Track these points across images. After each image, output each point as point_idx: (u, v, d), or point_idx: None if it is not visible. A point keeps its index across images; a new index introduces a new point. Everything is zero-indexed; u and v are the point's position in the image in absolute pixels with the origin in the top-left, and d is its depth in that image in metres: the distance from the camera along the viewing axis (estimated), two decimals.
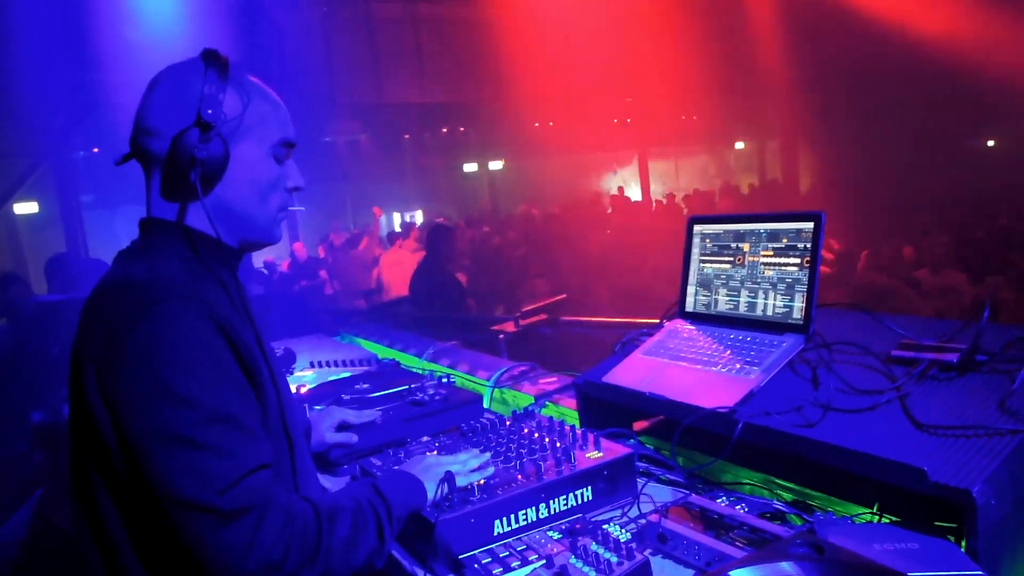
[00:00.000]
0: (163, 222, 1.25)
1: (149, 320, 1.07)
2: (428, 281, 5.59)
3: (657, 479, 1.62)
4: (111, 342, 1.08)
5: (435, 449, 1.67)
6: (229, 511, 1.02)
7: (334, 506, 1.18)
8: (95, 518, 1.16)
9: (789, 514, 1.41)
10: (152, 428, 1.04)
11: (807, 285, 1.64)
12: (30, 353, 3.17)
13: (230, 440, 1.06)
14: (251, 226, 1.29)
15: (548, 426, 1.71)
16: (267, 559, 1.04)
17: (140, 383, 1.05)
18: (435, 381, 2.20)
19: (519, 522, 1.40)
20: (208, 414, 1.05)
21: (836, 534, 1.16)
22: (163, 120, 1.21)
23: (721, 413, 1.50)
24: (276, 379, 1.28)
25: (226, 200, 1.25)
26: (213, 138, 1.18)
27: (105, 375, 1.08)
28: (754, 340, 1.68)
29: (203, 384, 1.07)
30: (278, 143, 1.28)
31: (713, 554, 1.24)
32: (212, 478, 1.03)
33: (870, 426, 1.33)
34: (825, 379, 1.49)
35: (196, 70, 1.22)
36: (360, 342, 3.55)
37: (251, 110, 1.24)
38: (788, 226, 1.70)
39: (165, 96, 1.22)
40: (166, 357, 1.06)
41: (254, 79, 1.29)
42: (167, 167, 1.21)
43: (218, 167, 1.19)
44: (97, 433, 1.10)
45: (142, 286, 1.12)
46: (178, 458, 1.03)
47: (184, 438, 1.03)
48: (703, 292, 1.88)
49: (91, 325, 1.14)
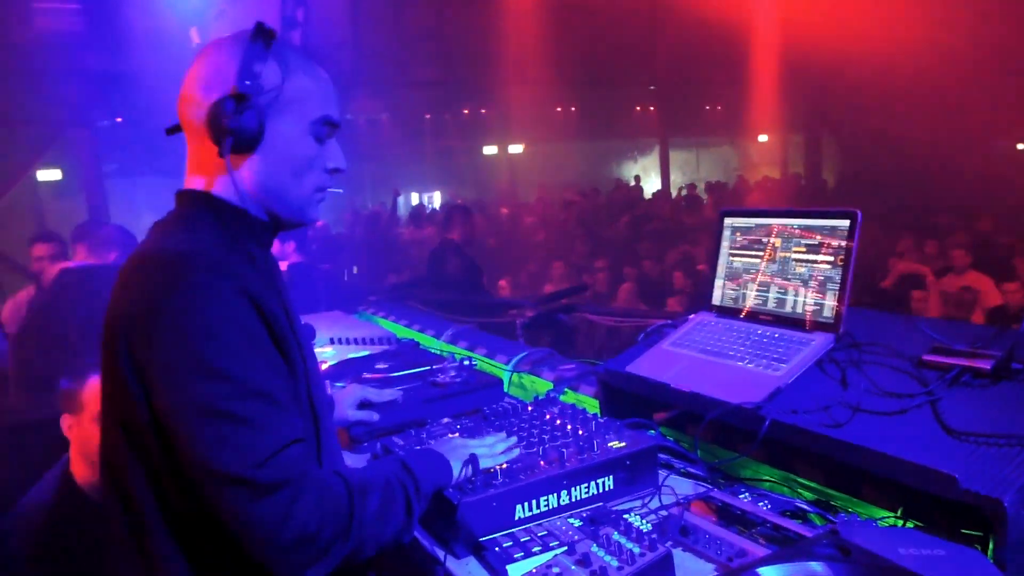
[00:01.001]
0: (196, 193, 1.24)
1: (182, 293, 1.07)
2: (445, 263, 5.59)
3: (678, 472, 1.62)
4: (144, 315, 1.08)
5: (456, 431, 1.68)
6: (266, 484, 1.03)
7: (364, 481, 1.18)
8: (124, 489, 1.17)
9: (811, 513, 1.40)
10: (188, 401, 1.04)
11: (840, 284, 1.62)
12: (57, 319, 3.20)
13: (264, 414, 1.06)
14: (284, 203, 1.27)
15: (571, 413, 1.71)
16: (302, 531, 1.04)
17: (174, 357, 1.06)
18: (456, 363, 2.20)
19: (540, 508, 1.40)
20: (243, 388, 1.06)
21: (860, 536, 1.15)
22: (202, 90, 1.20)
23: (747, 409, 1.49)
24: (304, 354, 1.27)
25: (259, 174, 1.23)
26: (247, 110, 1.16)
27: (138, 348, 1.09)
28: (782, 337, 1.67)
29: (237, 359, 1.07)
30: (319, 120, 1.25)
31: (735, 550, 1.24)
32: (249, 451, 1.03)
33: (899, 430, 1.32)
34: (854, 380, 1.48)
35: (241, 42, 1.21)
36: (379, 321, 3.56)
37: (291, 84, 1.21)
38: (823, 223, 1.68)
39: (208, 66, 1.21)
40: (200, 331, 1.06)
41: (301, 54, 1.26)
42: (202, 138, 1.20)
43: (251, 139, 1.18)
44: (129, 405, 1.11)
45: (175, 259, 1.11)
46: (215, 431, 1.03)
47: (220, 412, 1.04)
48: (731, 286, 1.87)
49: (124, 297, 1.14)
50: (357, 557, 1.15)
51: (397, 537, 1.22)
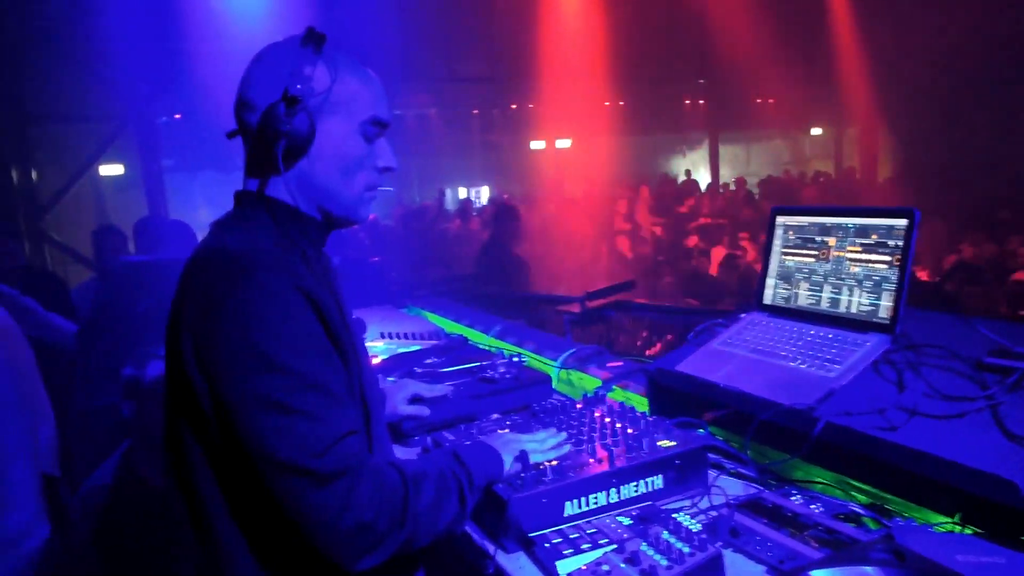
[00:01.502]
0: (253, 194, 1.29)
1: (242, 290, 1.11)
2: (492, 259, 5.63)
3: (728, 472, 1.61)
4: (207, 312, 1.13)
5: (506, 427, 1.70)
6: (326, 473, 1.07)
7: (419, 472, 1.21)
8: (186, 476, 1.22)
9: (865, 517, 1.38)
10: (249, 394, 1.09)
11: (896, 284, 1.59)
12: (117, 310, 3.33)
13: (322, 406, 1.10)
14: (335, 202, 1.30)
15: (619, 411, 1.71)
16: (359, 520, 1.08)
17: (236, 351, 1.10)
18: (506, 360, 2.22)
19: (590, 505, 1.41)
20: (301, 381, 1.10)
21: (916, 541, 1.14)
22: (257, 94, 1.25)
23: (799, 410, 1.48)
24: (357, 349, 1.31)
25: (311, 174, 1.27)
26: (299, 112, 1.20)
27: (201, 342, 1.13)
28: (836, 337, 1.65)
29: (295, 352, 1.11)
30: (368, 120, 1.28)
31: (786, 552, 1.23)
32: (308, 441, 1.07)
33: (958, 434, 1.30)
34: (911, 382, 1.45)
35: (293, 46, 1.25)
36: (427, 315, 3.60)
37: (339, 86, 1.25)
38: (879, 222, 1.65)
39: (262, 71, 1.26)
40: (260, 326, 1.10)
41: (351, 56, 1.29)
42: (256, 140, 1.25)
43: (303, 141, 1.22)
44: (194, 400, 1.15)
45: (235, 257, 1.16)
46: (275, 422, 1.07)
47: (280, 403, 1.08)
48: (783, 285, 1.85)
49: (188, 294, 1.19)
50: (411, 546, 1.17)
51: (451, 528, 1.24)
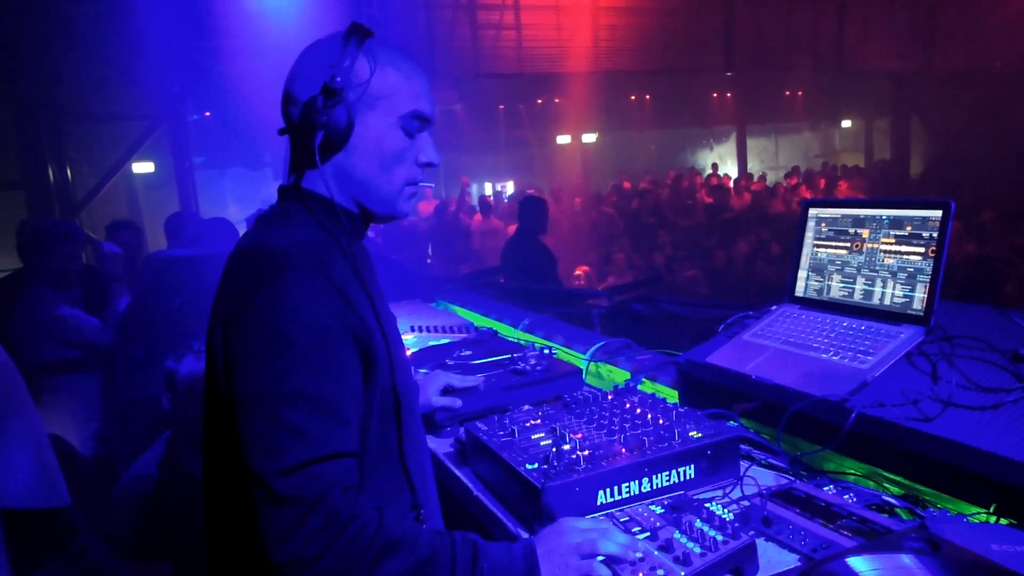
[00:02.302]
0: (296, 189, 1.29)
1: (271, 288, 1.11)
2: (519, 252, 5.65)
3: (759, 463, 1.62)
4: (238, 305, 1.13)
5: (539, 417, 1.72)
6: (282, 495, 1.02)
7: (404, 541, 1.08)
8: (220, 467, 1.22)
9: (898, 508, 1.38)
10: (245, 392, 1.09)
11: (931, 276, 1.59)
12: (152, 305, 3.41)
13: (310, 422, 1.06)
14: (373, 196, 1.30)
15: (650, 402, 1.73)
16: (296, 554, 1.01)
17: (249, 347, 1.10)
18: (536, 352, 2.25)
19: (622, 494, 1.43)
20: (301, 393, 1.07)
21: (951, 531, 1.14)
22: (300, 88, 1.25)
23: (832, 401, 1.48)
24: (391, 348, 1.28)
25: (349, 168, 1.27)
26: (337, 105, 1.20)
27: (230, 335, 1.14)
28: (869, 329, 1.65)
29: (306, 362, 1.08)
30: (408, 115, 1.28)
31: (820, 541, 1.24)
32: (279, 457, 1.03)
33: (993, 424, 1.29)
34: (945, 374, 1.45)
35: (335, 40, 1.26)
36: (456, 309, 3.64)
37: (378, 79, 1.25)
38: (914, 213, 1.64)
39: (305, 66, 1.27)
40: (276, 328, 1.09)
41: (395, 50, 1.29)
42: (297, 133, 1.26)
43: (341, 134, 1.22)
44: (220, 388, 1.17)
45: (274, 253, 1.16)
46: (260, 428, 1.06)
47: (272, 411, 1.06)
48: (815, 277, 1.85)
49: (226, 285, 1.21)
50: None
51: None
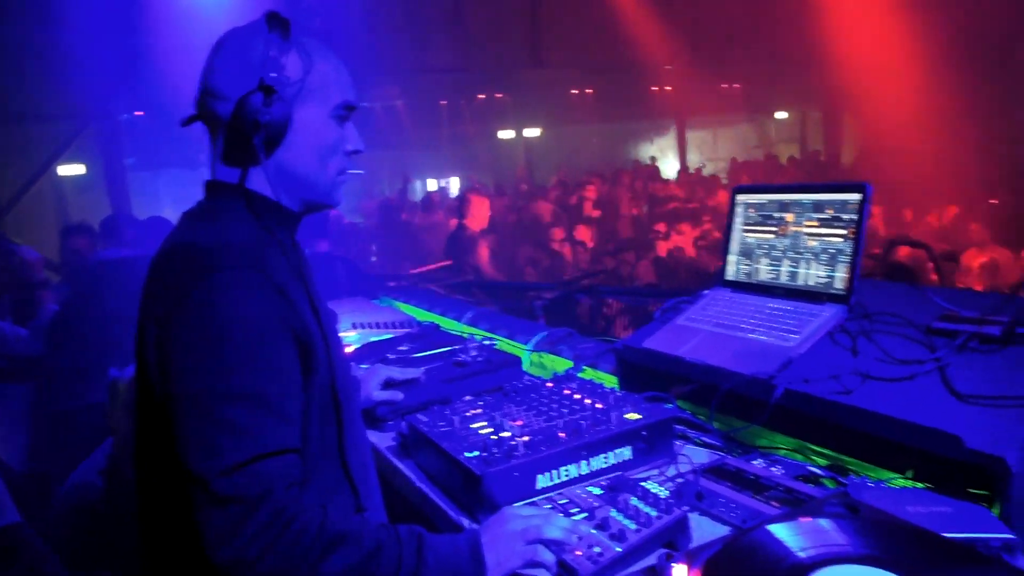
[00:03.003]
0: (227, 185, 1.27)
1: (207, 287, 1.10)
2: (461, 248, 5.66)
3: (694, 442, 1.67)
4: (172, 304, 1.11)
5: (479, 407, 1.73)
6: (224, 495, 1.01)
7: (348, 536, 1.07)
8: (154, 472, 1.20)
9: (824, 477, 1.44)
10: (182, 393, 1.07)
11: (851, 256, 1.66)
12: (87, 311, 3.30)
13: (250, 419, 1.05)
14: (312, 189, 1.31)
15: (589, 388, 1.76)
16: (239, 555, 1.00)
17: (184, 347, 1.08)
18: (477, 343, 2.26)
19: (561, 478, 1.46)
20: (241, 391, 1.05)
21: (870, 496, 1.20)
22: (227, 83, 1.23)
23: (760, 379, 1.53)
24: (330, 344, 1.28)
25: (288, 163, 1.26)
26: (276, 102, 1.19)
27: (163, 334, 1.12)
28: (795, 309, 1.71)
29: (239, 358, 1.07)
30: (339, 105, 1.29)
31: (749, 512, 1.29)
32: (219, 456, 1.02)
33: (908, 395, 1.36)
34: (865, 348, 1.52)
35: (259, 32, 1.24)
36: (399, 306, 3.63)
37: (313, 73, 1.25)
38: (834, 197, 1.71)
39: (229, 59, 1.24)
40: (211, 327, 1.08)
41: (316, 41, 1.29)
42: (231, 130, 1.23)
43: (280, 131, 1.21)
44: (153, 391, 1.14)
45: (205, 251, 1.15)
46: (195, 427, 1.04)
47: (211, 411, 1.04)
48: (744, 261, 1.90)
49: (156, 285, 1.18)
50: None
51: None
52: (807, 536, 1.01)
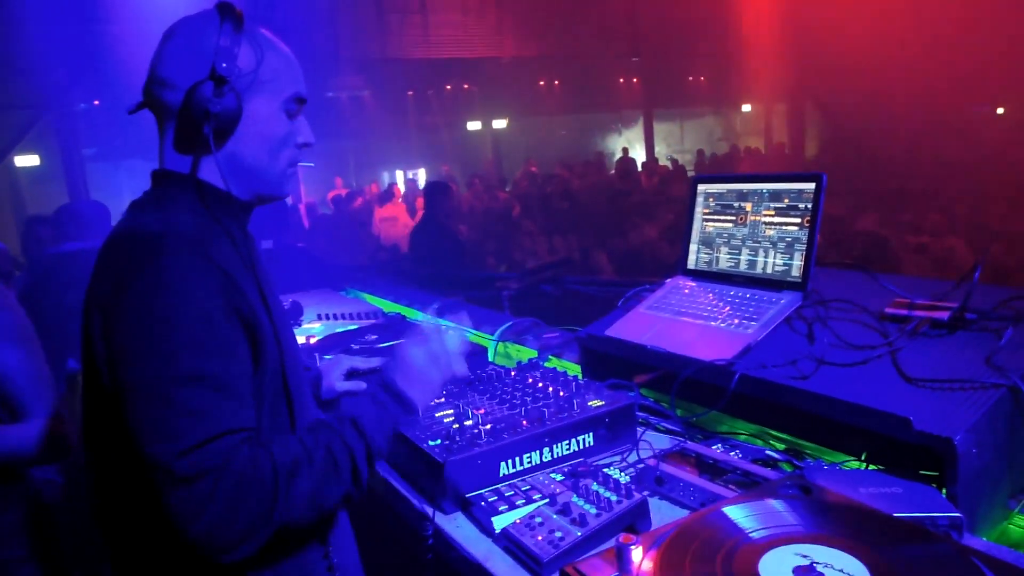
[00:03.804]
0: (175, 174, 1.26)
1: (152, 272, 1.09)
2: (428, 238, 5.64)
3: (655, 428, 1.69)
4: (117, 291, 1.10)
5: (443, 395, 1.74)
6: (182, 475, 1.01)
7: (298, 459, 1.11)
8: (105, 462, 1.20)
9: (781, 461, 1.47)
10: (138, 380, 1.06)
11: (806, 244, 1.69)
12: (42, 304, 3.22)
13: (207, 402, 1.06)
14: (262, 180, 1.30)
15: (552, 376, 1.77)
16: (214, 521, 1.02)
17: (133, 334, 1.07)
18: None
19: (524, 464, 1.47)
20: (192, 373, 1.05)
21: (824, 478, 1.23)
22: (178, 72, 1.22)
23: (719, 365, 1.56)
24: (279, 334, 1.27)
25: (237, 154, 1.26)
26: (227, 92, 1.19)
27: (109, 322, 1.11)
28: (753, 297, 1.74)
29: (193, 343, 1.07)
30: (290, 98, 1.29)
31: (707, 495, 1.31)
32: (175, 439, 1.02)
33: (861, 379, 1.39)
34: (820, 335, 1.55)
35: (212, 22, 1.23)
36: (365, 297, 3.61)
37: (265, 65, 1.25)
38: (790, 186, 1.74)
39: (180, 48, 1.23)
40: (159, 311, 1.07)
41: (268, 33, 1.29)
42: (180, 119, 1.22)
43: (231, 121, 1.21)
44: (101, 379, 1.13)
45: (151, 237, 1.14)
46: (154, 413, 1.04)
47: (165, 395, 1.04)
48: (705, 250, 1.93)
49: (101, 273, 1.17)
50: (293, 529, 1.10)
51: (344, 502, 1.17)
52: (760, 517, 1.03)
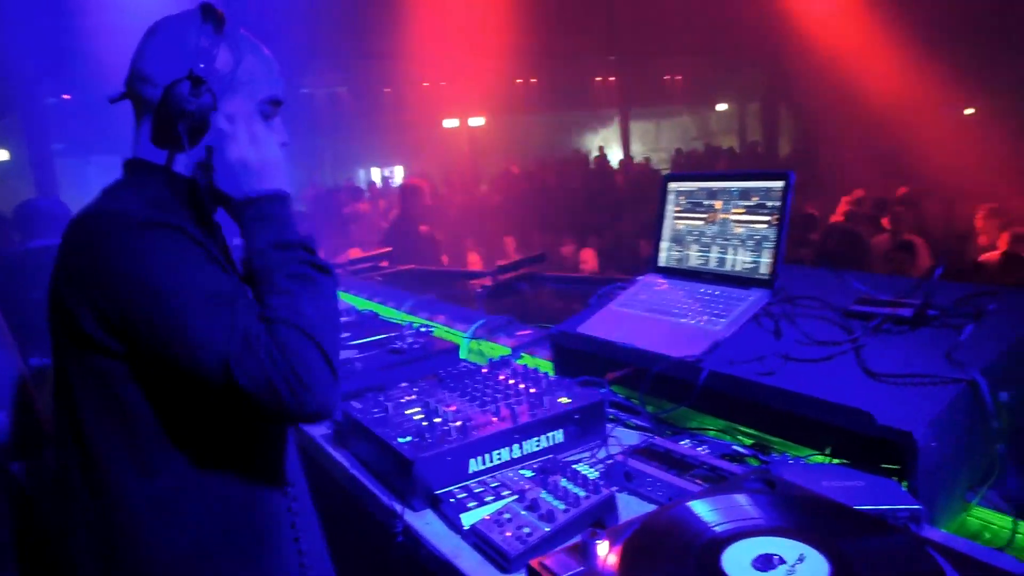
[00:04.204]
0: (148, 164, 1.28)
1: (135, 236, 1.11)
2: (401, 237, 5.64)
3: (625, 424, 1.70)
4: (96, 259, 1.12)
5: (414, 393, 1.74)
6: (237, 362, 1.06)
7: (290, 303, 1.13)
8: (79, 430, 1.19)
9: (748, 456, 1.49)
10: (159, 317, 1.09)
11: (775, 242, 1.71)
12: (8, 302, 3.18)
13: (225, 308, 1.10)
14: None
15: (523, 373, 1.77)
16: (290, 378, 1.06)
17: (134, 287, 1.10)
18: (413, 331, 2.25)
19: (493, 461, 1.47)
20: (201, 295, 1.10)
21: (789, 472, 1.24)
22: (157, 69, 1.24)
23: (688, 362, 1.57)
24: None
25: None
26: (204, 92, 1.22)
27: (101, 289, 1.11)
28: (722, 294, 1.75)
29: (192, 273, 1.12)
30: (266, 100, 1.31)
31: (674, 490, 1.33)
32: (216, 339, 1.07)
33: (826, 374, 1.41)
34: (787, 331, 1.57)
35: (193, 22, 1.25)
36: (339, 294, 3.58)
37: (243, 67, 1.27)
38: (759, 184, 1.76)
39: (161, 45, 1.25)
40: (155, 265, 1.10)
41: (249, 35, 1.31)
42: (157, 115, 1.24)
43: (206, 120, 1.23)
44: (99, 355, 1.14)
45: (127, 213, 1.15)
46: (181, 336, 1.08)
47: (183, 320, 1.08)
48: (676, 247, 1.94)
49: (73, 247, 1.17)
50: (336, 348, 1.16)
51: (336, 290, 1.23)
52: (724, 511, 1.04)
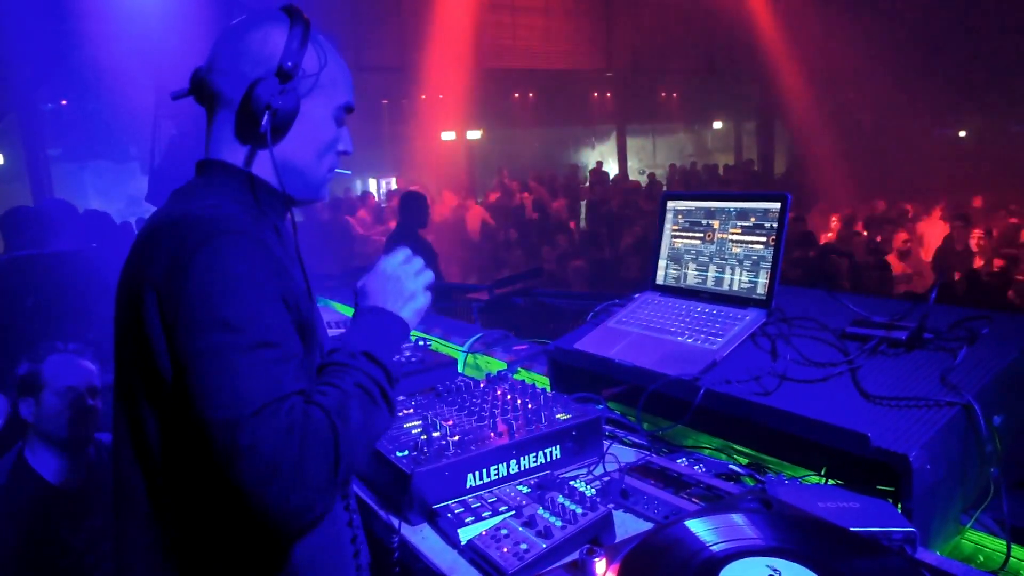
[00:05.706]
0: (226, 165, 1.28)
1: (210, 251, 1.10)
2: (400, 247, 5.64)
3: (622, 441, 1.71)
4: (175, 271, 1.10)
5: (412, 407, 1.74)
6: (248, 443, 1.01)
7: (341, 400, 1.12)
8: (142, 447, 1.18)
9: (744, 475, 1.50)
10: (198, 350, 1.06)
11: (771, 263, 1.72)
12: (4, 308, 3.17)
13: (267, 367, 1.06)
14: (305, 182, 1.33)
15: (520, 388, 1.78)
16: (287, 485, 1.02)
17: (196, 309, 1.08)
18: (411, 343, 2.26)
19: (491, 476, 1.48)
20: (250, 341, 1.06)
21: (784, 492, 1.25)
22: (243, 64, 1.24)
23: (685, 380, 1.58)
24: (316, 325, 1.30)
25: (287, 153, 1.28)
26: (290, 90, 1.22)
27: (167, 302, 1.11)
28: (719, 313, 1.77)
29: (252, 313, 1.08)
30: (342, 106, 1.33)
31: (670, 508, 1.33)
32: (241, 402, 1.03)
33: (822, 396, 1.43)
34: (783, 351, 1.58)
35: (281, 22, 1.26)
36: (335, 305, 3.59)
37: (326, 70, 1.28)
38: (756, 205, 1.77)
39: (247, 41, 1.25)
40: (221, 285, 1.09)
41: (329, 41, 1.32)
42: (239, 111, 1.25)
43: (288, 119, 1.23)
44: (152, 361, 1.13)
45: (204, 220, 1.14)
46: (214, 380, 1.05)
47: (224, 362, 1.05)
48: (673, 266, 1.96)
49: (153, 254, 1.16)
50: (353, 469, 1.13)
51: (383, 430, 1.20)
52: (721, 531, 1.05)
